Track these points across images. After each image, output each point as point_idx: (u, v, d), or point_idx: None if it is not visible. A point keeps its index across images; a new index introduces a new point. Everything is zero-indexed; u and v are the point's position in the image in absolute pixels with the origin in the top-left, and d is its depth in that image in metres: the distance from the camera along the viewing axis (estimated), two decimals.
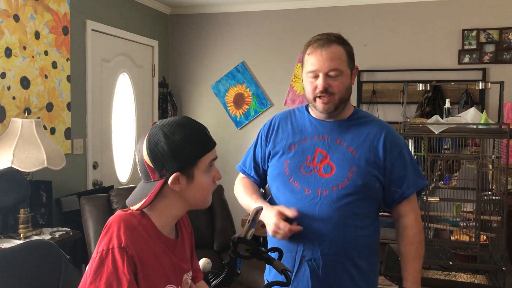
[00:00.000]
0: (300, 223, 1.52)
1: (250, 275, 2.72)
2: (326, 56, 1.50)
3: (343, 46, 1.55)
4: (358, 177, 1.51)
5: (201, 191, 1.18)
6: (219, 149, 5.14)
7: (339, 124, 1.60)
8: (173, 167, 1.12)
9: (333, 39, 1.53)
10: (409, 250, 1.59)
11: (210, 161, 1.17)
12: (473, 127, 2.67)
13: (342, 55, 1.53)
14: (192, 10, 4.82)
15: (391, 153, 1.56)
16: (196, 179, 1.15)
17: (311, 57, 1.53)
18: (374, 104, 4.25)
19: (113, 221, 1.12)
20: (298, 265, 1.54)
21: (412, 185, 1.58)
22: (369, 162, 1.54)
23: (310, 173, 1.55)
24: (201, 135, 1.16)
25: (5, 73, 2.89)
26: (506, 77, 3.81)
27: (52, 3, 3.27)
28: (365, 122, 1.61)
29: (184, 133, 1.13)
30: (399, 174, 1.57)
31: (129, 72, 4.26)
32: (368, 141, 1.56)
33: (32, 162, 2.60)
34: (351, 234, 1.52)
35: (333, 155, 1.55)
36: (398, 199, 1.59)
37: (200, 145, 1.15)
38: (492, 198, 2.92)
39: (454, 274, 2.63)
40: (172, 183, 1.13)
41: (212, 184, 1.20)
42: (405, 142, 1.65)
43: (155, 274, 1.12)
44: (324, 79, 1.51)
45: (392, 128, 1.63)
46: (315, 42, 1.54)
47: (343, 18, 4.37)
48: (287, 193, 1.57)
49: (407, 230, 1.59)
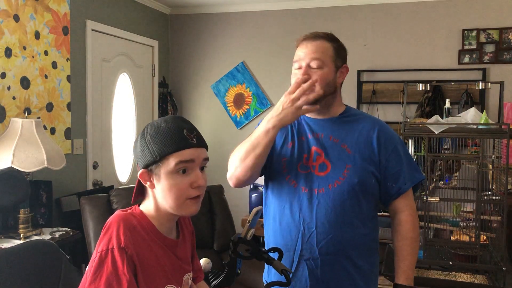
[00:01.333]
0: (298, 222, 1.52)
1: (250, 275, 2.72)
2: (311, 48, 1.54)
3: (331, 42, 1.56)
4: (353, 174, 1.51)
5: (171, 194, 1.11)
6: (219, 149, 5.15)
7: (331, 122, 1.60)
8: (141, 163, 1.14)
9: (321, 35, 1.57)
10: (403, 246, 1.57)
11: (178, 162, 1.10)
12: (473, 127, 2.67)
13: (328, 49, 1.55)
14: (192, 10, 4.82)
15: (385, 148, 1.56)
16: (162, 179, 1.12)
17: (298, 49, 1.58)
18: (374, 104, 4.25)
19: (112, 221, 1.12)
20: (297, 265, 1.53)
21: (408, 180, 1.58)
22: (364, 159, 1.54)
23: (307, 171, 1.54)
24: (171, 133, 1.11)
25: (5, 73, 2.89)
26: (506, 77, 3.82)
27: (52, 3, 3.27)
28: (357, 119, 1.62)
29: (155, 130, 1.13)
30: (395, 169, 1.56)
31: (129, 72, 4.26)
32: (362, 138, 1.56)
33: (32, 162, 2.60)
34: (349, 233, 1.51)
35: (328, 152, 1.55)
36: (394, 195, 1.58)
37: (166, 144, 1.10)
38: (492, 198, 2.92)
39: (454, 274, 2.63)
40: (142, 179, 1.15)
41: (188, 190, 1.12)
42: (398, 137, 1.64)
43: (154, 274, 1.12)
44: (305, 68, 1.53)
45: (385, 124, 1.64)
46: (303, 37, 1.58)
47: (343, 18, 4.37)
48: (284, 191, 1.57)
49: (401, 226, 1.58)
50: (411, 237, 1.58)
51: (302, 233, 1.52)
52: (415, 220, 1.61)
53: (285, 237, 1.55)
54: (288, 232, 1.54)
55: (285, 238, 1.54)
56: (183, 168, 1.11)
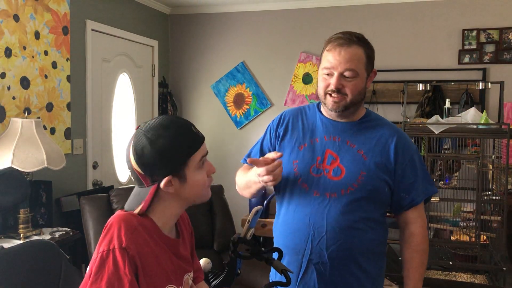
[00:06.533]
0: (308, 226, 1.50)
1: (250, 275, 2.72)
2: (344, 56, 1.47)
3: (364, 48, 1.51)
4: (367, 181, 1.49)
5: (196, 188, 1.17)
6: (219, 149, 5.15)
7: (350, 126, 1.57)
8: (163, 172, 1.11)
9: (355, 40, 1.49)
10: (413, 258, 1.57)
11: (201, 158, 1.16)
12: (473, 127, 2.68)
13: (361, 57, 1.50)
14: (192, 10, 4.82)
15: (403, 158, 1.53)
16: (189, 178, 1.14)
17: (329, 53, 1.50)
18: (374, 104, 4.25)
19: (113, 222, 1.12)
20: (305, 269, 1.51)
21: (422, 192, 1.56)
22: (379, 167, 1.51)
23: (319, 175, 1.52)
24: (186, 135, 1.14)
25: (5, 73, 2.89)
26: (506, 77, 3.81)
27: (52, 3, 3.27)
28: (377, 125, 1.58)
29: (169, 136, 1.11)
30: (409, 181, 1.54)
31: (129, 72, 4.26)
32: (380, 145, 1.54)
33: (32, 162, 2.60)
34: (359, 238, 1.50)
35: (344, 157, 1.52)
36: (406, 206, 1.56)
37: (187, 145, 1.13)
38: (492, 198, 2.92)
39: (454, 274, 2.63)
40: (164, 187, 1.12)
41: (207, 179, 1.20)
42: (416, 148, 1.62)
43: (156, 274, 1.12)
44: (338, 78, 1.48)
45: (404, 133, 1.61)
46: (336, 40, 1.50)
47: (343, 18, 4.37)
48: (295, 194, 1.55)
49: (413, 238, 1.57)
50: (422, 249, 1.57)
51: (312, 237, 1.50)
52: (425, 232, 1.60)
53: (295, 240, 1.53)
54: (298, 236, 1.52)
55: (295, 241, 1.53)
56: (203, 161, 1.18)
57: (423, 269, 1.58)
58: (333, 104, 1.51)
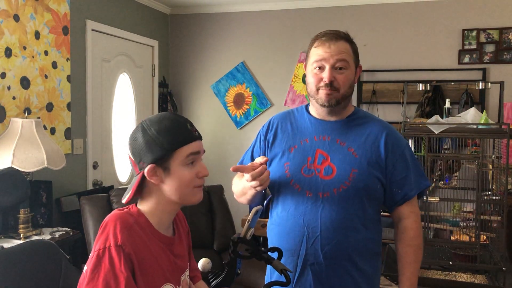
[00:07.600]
0: (302, 227, 1.50)
1: (250, 275, 2.72)
2: (335, 49, 1.50)
3: (350, 44, 1.55)
4: (359, 179, 1.49)
5: (180, 184, 1.15)
6: (219, 149, 5.14)
7: (339, 124, 1.57)
8: (148, 159, 1.14)
9: (342, 35, 1.54)
10: (407, 253, 1.56)
11: (189, 154, 1.15)
12: (473, 127, 2.68)
13: (349, 50, 1.54)
14: (192, 10, 4.82)
15: (393, 154, 1.54)
16: (173, 171, 1.14)
17: (318, 49, 1.52)
18: (374, 104, 4.25)
19: (109, 220, 1.12)
20: (301, 269, 1.51)
21: (415, 186, 1.56)
22: (370, 163, 1.51)
23: (311, 175, 1.52)
24: (178, 128, 1.15)
25: (5, 73, 2.89)
26: (506, 77, 3.82)
27: (52, 3, 3.27)
28: (366, 122, 1.59)
29: (160, 126, 1.14)
30: (401, 175, 1.54)
31: (129, 72, 4.26)
32: (370, 142, 1.54)
33: (32, 162, 2.60)
34: (353, 237, 1.49)
35: (334, 156, 1.52)
36: (400, 201, 1.56)
37: (176, 137, 1.14)
38: (492, 198, 2.92)
39: (454, 274, 2.63)
40: (148, 175, 1.14)
41: (195, 179, 1.18)
42: (406, 142, 1.62)
43: (152, 272, 1.12)
44: (331, 70, 1.50)
45: (393, 128, 1.61)
46: (323, 36, 1.53)
47: (343, 18, 4.37)
48: (288, 196, 1.55)
49: (406, 233, 1.56)
50: (416, 244, 1.56)
51: (307, 237, 1.49)
52: (420, 226, 1.59)
53: (289, 242, 1.52)
54: (292, 237, 1.52)
55: (289, 242, 1.52)
56: (192, 160, 1.16)
57: (417, 264, 1.57)
58: (326, 96, 1.51)
